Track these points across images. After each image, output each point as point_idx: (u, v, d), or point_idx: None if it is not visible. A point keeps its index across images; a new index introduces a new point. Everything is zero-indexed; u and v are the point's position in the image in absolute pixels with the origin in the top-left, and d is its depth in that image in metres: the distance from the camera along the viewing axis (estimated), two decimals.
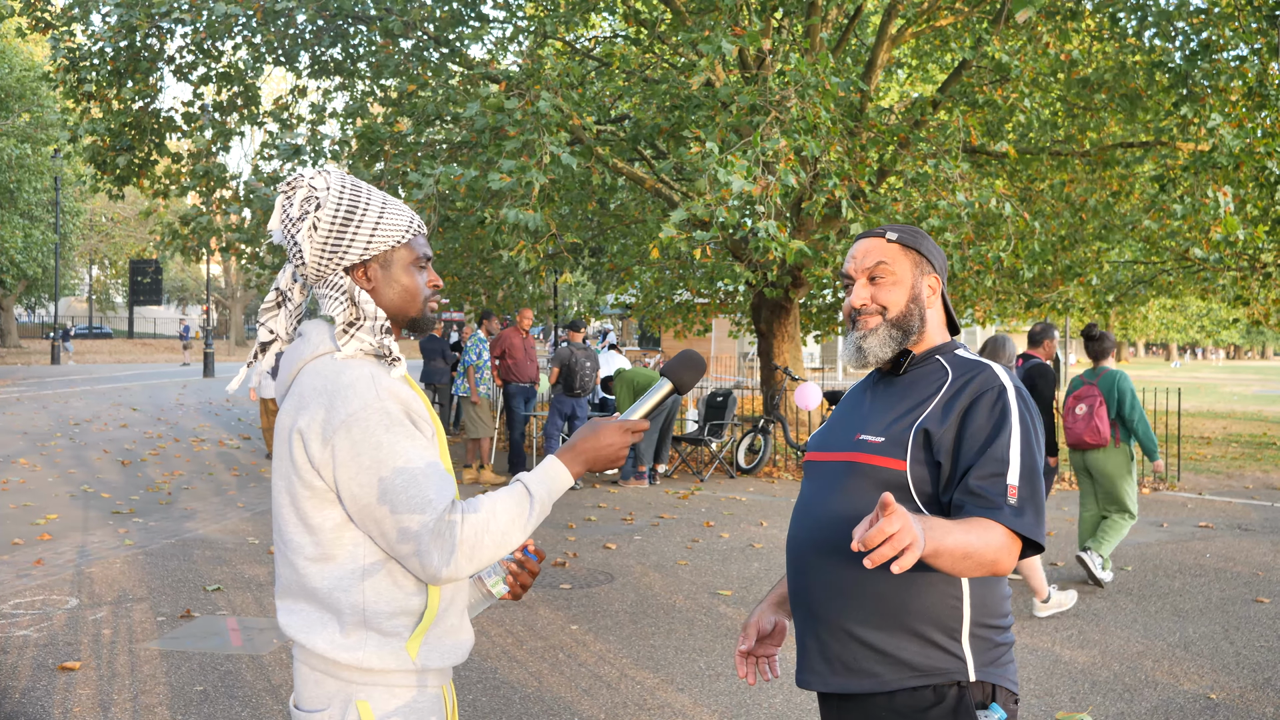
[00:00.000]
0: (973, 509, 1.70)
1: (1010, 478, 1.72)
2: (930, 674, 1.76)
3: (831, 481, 1.88)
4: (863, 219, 8.98)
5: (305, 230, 1.65)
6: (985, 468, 1.72)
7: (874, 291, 1.95)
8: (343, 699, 1.63)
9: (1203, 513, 9.23)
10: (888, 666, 1.77)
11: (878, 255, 1.96)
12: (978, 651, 1.78)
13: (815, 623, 1.86)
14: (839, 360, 30.31)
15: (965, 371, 1.86)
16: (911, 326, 1.93)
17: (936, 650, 1.76)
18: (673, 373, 1.85)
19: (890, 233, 1.98)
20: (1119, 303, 15.80)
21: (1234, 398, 27.37)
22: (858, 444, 1.85)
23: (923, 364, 1.93)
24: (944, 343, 1.96)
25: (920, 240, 1.98)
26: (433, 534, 1.54)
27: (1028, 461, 1.74)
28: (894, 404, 1.88)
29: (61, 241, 33.18)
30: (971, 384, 1.82)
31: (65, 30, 10.76)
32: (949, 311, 2.00)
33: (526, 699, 4.37)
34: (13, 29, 24.48)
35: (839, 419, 2.00)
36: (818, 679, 1.85)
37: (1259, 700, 4.47)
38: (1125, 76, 11.10)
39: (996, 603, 1.83)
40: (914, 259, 1.96)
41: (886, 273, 1.94)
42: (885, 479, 1.79)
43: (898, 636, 1.76)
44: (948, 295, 2.02)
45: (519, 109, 8.11)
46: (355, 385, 1.58)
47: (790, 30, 11.17)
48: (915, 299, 1.94)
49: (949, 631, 1.77)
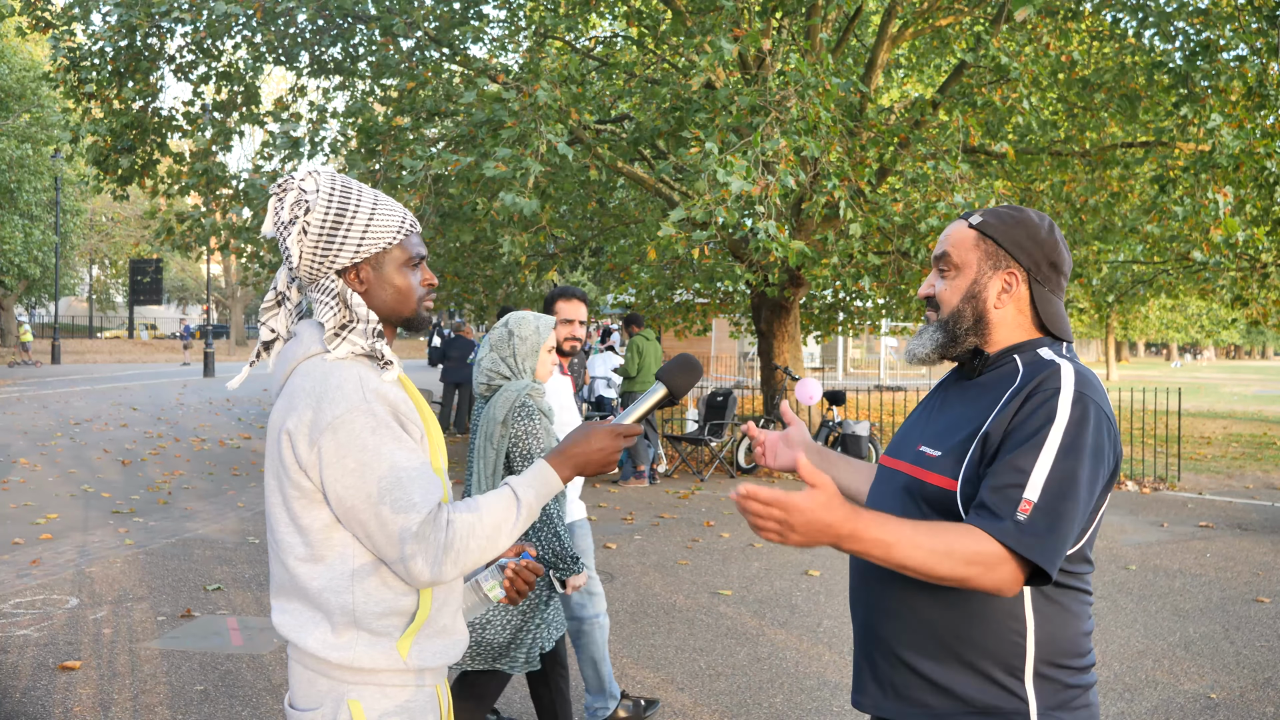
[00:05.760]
0: (971, 519, 1.54)
1: (1029, 491, 1.51)
2: (987, 712, 1.59)
3: (890, 493, 1.74)
4: (862, 219, 8.98)
5: (295, 234, 1.65)
6: (1000, 477, 1.53)
7: (939, 283, 1.77)
8: (335, 698, 1.63)
9: (1203, 513, 9.23)
10: (940, 698, 1.62)
11: (949, 243, 1.77)
12: (1044, 693, 1.59)
13: (868, 642, 1.74)
14: (839, 360, 30.40)
15: (1035, 373, 1.64)
16: (958, 330, 1.73)
17: (994, 687, 1.59)
18: (668, 376, 1.82)
19: (974, 217, 1.75)
20: (1119, 303, 15.80)
21: (1234, 398, 27.36)
22: (918, 455, 1.70)
23: (997, 365, 1.71)
24: (1027, 340, 1.71)
25: (1007, 228, 1.72)
26: (416, 537, 1.54)
27: (1059, 475, 1.52)
28: (959, 411, 1.71)
29: (61, 241, 33.18)
30: (1030, 383, 1.61)
31: (65, 30, 10.75)
32: (1042, 309, 1.72)
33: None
34: (13, 29, 24.48)
35: (912, 422, 1.83)
36: (869, 701, 1.72)
37: (1259, 700, 4.46)
38: (1125, 77, 11.10)
39: (1071, 640, 1.63)
40: (988, 250, 1.72)
41: (950, 265, 1.75)
42: (935, 500, 1.63)
43: (951, 668, 1.61)
44: (1047, 291, 1.73)
45: (517, 100, 8.11)
46: (343, 387, 1.58)
47: (790, 31, 11.17)
48: (972, 297, 1.72)
49: (1010, 669, 1.59)
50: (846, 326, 16.67)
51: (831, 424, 11.07)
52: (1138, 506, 9.51)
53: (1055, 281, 1.73)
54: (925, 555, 1.47)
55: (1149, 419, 15.44)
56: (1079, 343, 62.86)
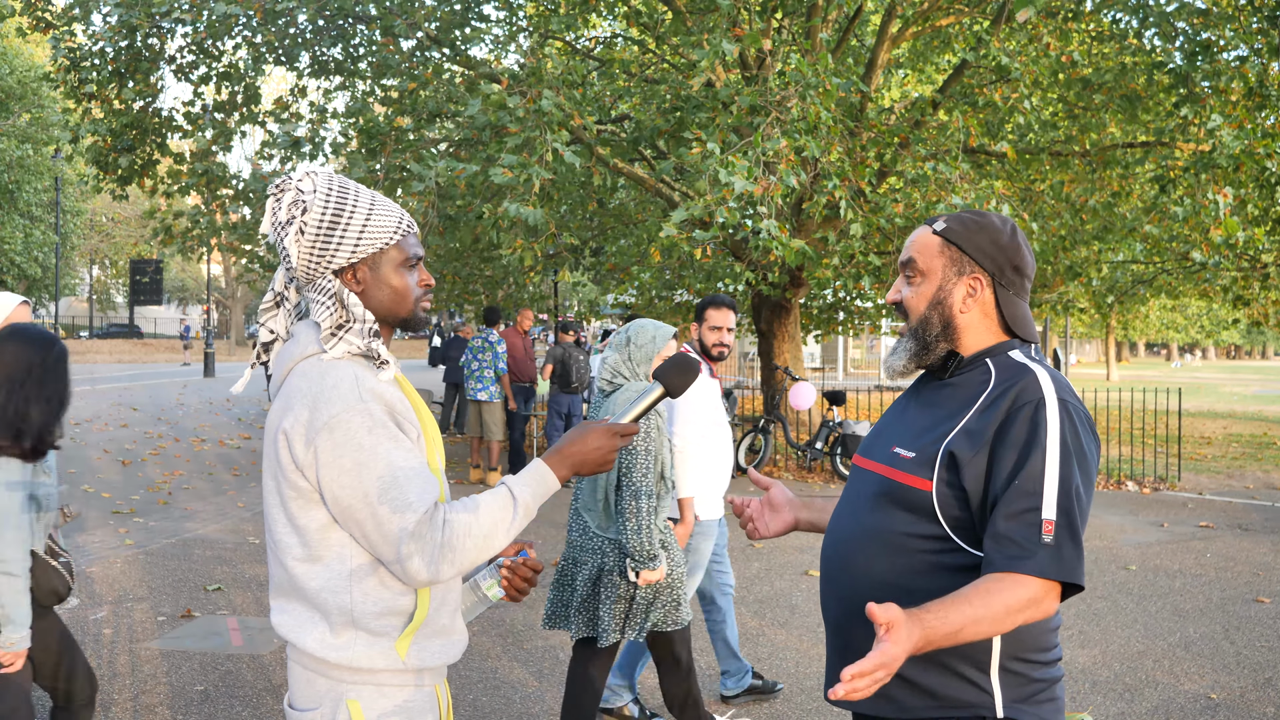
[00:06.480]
0: (1000, 561, 1.53)
1: (1046, 510, 1.54)
2: (953, 705, 1.63)
3: (864, 494, 1.76)
4: (862, 220, 8.97)
5: (292, 234, 1.65)
6: (1015, 503, 1.55)
7: (905, 289, 1.78)
8: (333, 698, 1.63)
9: (1203, 513, 9.22)
10: (909, 693, 1.66)
11: (914, 249, 1.77)
12: (1009, 686, 1.64)
13: (839, 638, 1.77)
14: (839, 360, 30.31)
15: (1007, 378, 1.66)
16: (928, 336, 1.75)
17: (960, 681, 1.63)
18: (665, 376, 1.82)
19: (939, 223, 1.76)
20: (1119, 303, 15.80)
21: (1234, 398, 27.35)
22: (892, 456, 1.72)
23: (970, 368, 1.73)
24: (997, 343, 1.74)
25: (970, 234, 1.73)
26: (413, 536, 1.53)
27: (1066, 486, 1.55)
28: (931, 413, 1.73)
29: (62, 241, 33.16)
30: (1008, 394, 1.63)
31: (66, 30, 10.75)
32: (1007, 312, 1.74)
33: (526, 699, 4.37)
34: (13, 29, 24.49)
35: (885, 423, 1.85)
36: None
37: (1259, 700, 4.46)
38: (1125, 77, 11.10)
39: (1038, 635, 1.67)
40: (952, 256, 1.74)
41: (915, 271, 1.76)
42: (912, 500, 1.66)
43: (920, 664, 1.64)
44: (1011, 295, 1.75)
45: (520, 106, 8.11)
46: (339, 387, 1.58)
47: (790, 31, 11.17)
48: (938, 303, 1.74)
49: (976, 663, 1.63)
50: (846, 326, 16.67)
51: (831, 424, 11.07)
52: (1138, 506, 9.51)
53: (1019, 284, 1.76)
54: (990, 626, 1.51)
55: (1149, 419, 15.44)
56: (1079, 342, 62.93)
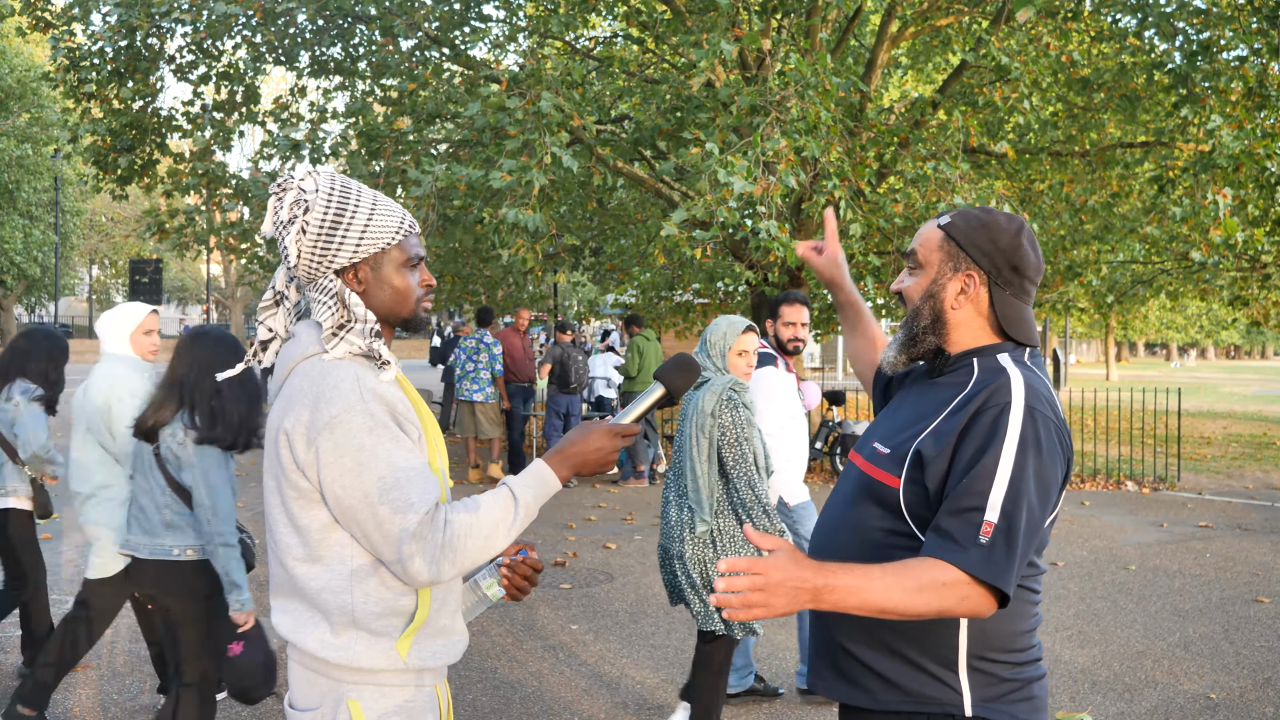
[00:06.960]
0: (931, 549, 1.54)
1: (989, 512, 1.52)
2: (922, 701, 1.65)
3: (846, 487, 1.79)
4: (862, 220, 8.98)
5: (294, 234, 1.65)
6: (960, 500, 1.54)
7: (907, 280, 1.79)
8: (334, 698, 1.63)
9: (1203, 513, 9.22)
10: (880, 686, 1.69)
11: (918, 241, 1.77)
12: (978, 685, 1.64)
13: (819, 629, 1.80)
14: (839, 360, 30.31)
15: (985, 381, 1.65)
16: (916, 328, 1.75)
17: (928, 678, 1.65)
18: (665, 376, 1.81)
19: (945, 217, 1.76)
20: (1119, 303, 15.80)
21: (1234, 398, 27.35)
22: (872, 452, 1.74)
23: (956, 368, 1.73)
24: (987, 345, 1.72)
25: (970, 230, 1.72)
26: (414, 537, 1.53)
27: (1015, 492, 1.53)
28: (913, 410, 1.74)
29: (61, 241, 33.15)
30: (978, 397, 1.62)
31: (65, 30, 10.75)
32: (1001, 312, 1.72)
33: (526, 699, 4.37)
34: (13, 29, 24.49)
35: (879, 418, 1.87)
36: (822, 684, 1.79)
37: (1259, 700, 4.46)
38: (1125, 77, 11.10)
39: (1007, 635, 1.66)
40: (950, 251, 1.73)
41: (916, 262, 1.77)
42: (883, 496, 1.68)
43: (891, 659, 1.67)
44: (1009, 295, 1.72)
45: (520, 108, 8.11)
46: (339, 387, 1.57)
47: (790, 31, 11.17)
48: (930, 296, 1.73)
49: (942, 661, 1.64)
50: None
51: (831, 424, 11.07)
52: (1138, 506, 9.51)
53: (1018, 285, 1.72)
54: (900, 595, 1.50)
55: (1149, 419, 15.44)
56: (1079, 342, 62.86)
